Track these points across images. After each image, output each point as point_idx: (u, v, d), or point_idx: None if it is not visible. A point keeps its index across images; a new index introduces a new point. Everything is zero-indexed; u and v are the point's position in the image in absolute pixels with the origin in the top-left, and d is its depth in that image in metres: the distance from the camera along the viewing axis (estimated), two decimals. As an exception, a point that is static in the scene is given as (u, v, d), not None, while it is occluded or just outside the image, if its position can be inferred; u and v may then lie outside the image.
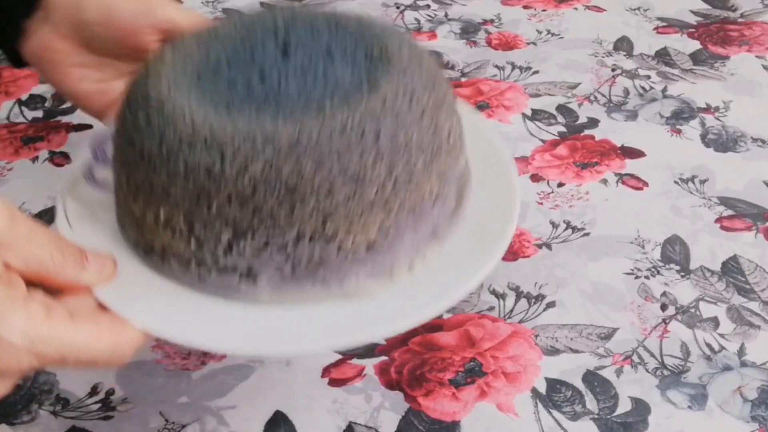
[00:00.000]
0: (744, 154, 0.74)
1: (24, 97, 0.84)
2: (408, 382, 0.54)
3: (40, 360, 0.36)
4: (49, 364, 0.37)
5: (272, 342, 0.41)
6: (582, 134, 0.77)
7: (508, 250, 0.64)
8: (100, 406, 0.53)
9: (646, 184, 0.71)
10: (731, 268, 0.63)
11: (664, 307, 0.60)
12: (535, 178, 0.72)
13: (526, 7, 0.99)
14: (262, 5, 1.03)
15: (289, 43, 0.45)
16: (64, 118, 0.80)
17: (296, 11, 0.47)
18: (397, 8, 1.01)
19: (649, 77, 0.85)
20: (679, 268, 0.63)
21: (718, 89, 0.83)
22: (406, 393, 0.54)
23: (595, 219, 0.67)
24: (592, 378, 0.55)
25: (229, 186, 0.39)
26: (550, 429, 0.52)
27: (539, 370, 0.55)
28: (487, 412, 0.53)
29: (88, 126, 0.78)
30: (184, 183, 0.40)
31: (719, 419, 0.52)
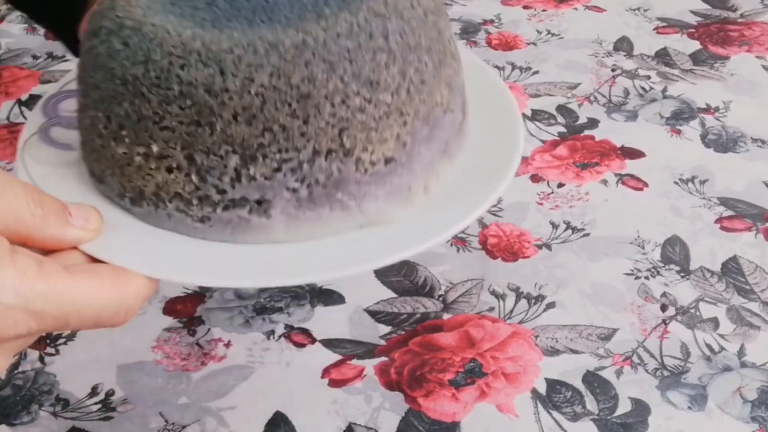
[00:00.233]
0: (744, 155, 0.74)
1: (24, 97, 0.84)
2: (408, 382, 0.54)
3: (39, 321, 0.32)
4: (50, 327, 0.33)
5: (290, 271, 0.37)
6: (582, 135, 0.77)
7: (508, 250, 0.64)
8: (100, 406, 0.53)
9: (646, 185, 0.71)
10: (731, 269, 0.63)
11: (664, 308, 0.60)
12: (535, 179, 0.72)
13: (526, 8, 0.99)
14: None
15: None
16: (64, 119, 0.81)
17: None
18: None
19: (649, 77, 0.85)
20: (679, 269, 0.63)
21: (718, 89, 0.83)
22: (406, 394, 0.54)
23: (595, 219, 0.67)
24: (592, 379, 0.55)
25: (234, 102, 0.35)
26: (550, 430, 0.52)
27: (539, 371, 0.55)
28: (487, 412, 0.53)
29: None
30: (180, 106, 0.36)
31: (719, 420, 0.52)
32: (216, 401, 0.54)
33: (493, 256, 0.64)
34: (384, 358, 0.56)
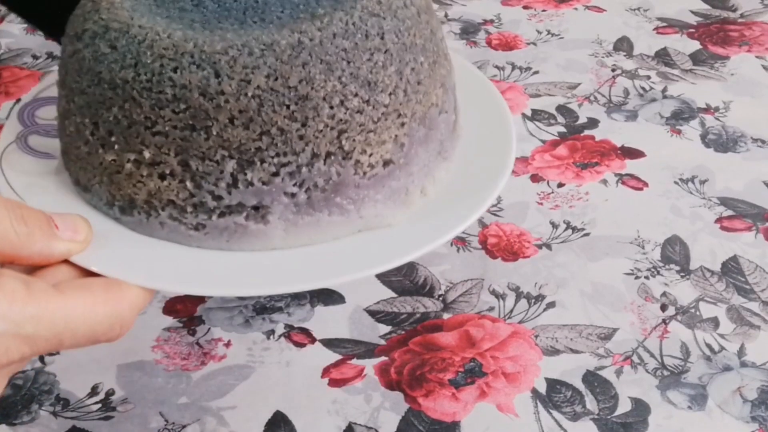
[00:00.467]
0: (744, 155, 0.74)
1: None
2: (408, 382, 0.54)
3: (32, 345, 0.31)
4: (43, 349, 0.32)
5: (290, 279, 0.36)
6: (582, 134, 0.77)
7: (508, 250, 0.64)
8: (100, 406, 0.53)
9: (646, 185, 0.71)
10: (731, 269, 0.63)
11: (664, 308, 0.60)
12: (535, 179, 0.72)
13: (526, 8, 0.99)
14: None
15: None
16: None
17: None
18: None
19: (649, 77, 0.85)
20: (679, 269, 0.63)
21: (718, 89, 0.83)
22: (406, 393, 0.54)
23: (595, 219, 0.67)
24: (592, 378, 0.55)
25: (231, 105, 0.34)
26: (550, 429, 0.51)
27: (539, 371, 0.55)
28: (487, 412, 0.53)
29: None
30: (173, 110, 0.35)
31: (719, 419, 0.52)
32: (216, 401, 0.54)
33: (493, 256, 0.64)
34: (384, 358, 0.56)
